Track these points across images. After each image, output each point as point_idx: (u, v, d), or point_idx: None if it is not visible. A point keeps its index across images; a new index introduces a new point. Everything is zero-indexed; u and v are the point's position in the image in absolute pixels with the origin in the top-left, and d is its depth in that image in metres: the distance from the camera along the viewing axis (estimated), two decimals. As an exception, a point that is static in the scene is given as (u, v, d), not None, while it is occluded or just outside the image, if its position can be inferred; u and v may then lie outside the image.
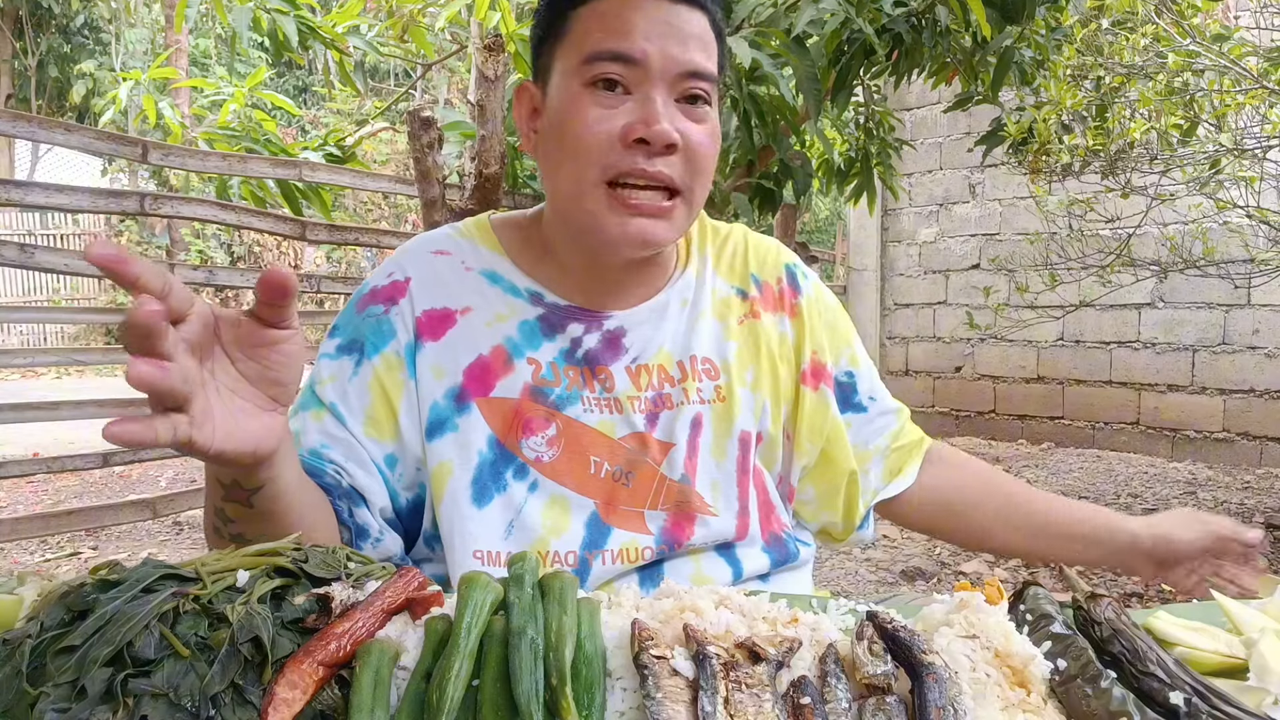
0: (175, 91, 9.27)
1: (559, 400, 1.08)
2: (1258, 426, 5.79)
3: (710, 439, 1.12)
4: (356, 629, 0.63)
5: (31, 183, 3.88)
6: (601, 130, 0.99)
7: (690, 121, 1.02)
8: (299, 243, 10.24)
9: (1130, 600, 3.64)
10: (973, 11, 2.60)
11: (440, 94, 10.72)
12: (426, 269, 1.12)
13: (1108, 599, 0.71)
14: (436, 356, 1.07)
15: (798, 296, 1.20)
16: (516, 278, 1.12)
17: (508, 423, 1.06)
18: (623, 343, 1.11)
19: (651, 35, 1.00)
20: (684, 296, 1.16)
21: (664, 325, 1.13)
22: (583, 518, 1.06)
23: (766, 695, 0.59)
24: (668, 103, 1.00)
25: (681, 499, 1.09)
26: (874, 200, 4.06)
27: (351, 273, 14.43)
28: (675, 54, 1.00)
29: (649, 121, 0.98)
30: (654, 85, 1.00)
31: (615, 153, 0.99)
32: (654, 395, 1.10)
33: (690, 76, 1.01)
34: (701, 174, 1.04)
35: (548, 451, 1.06)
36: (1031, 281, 4.95)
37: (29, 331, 14.00)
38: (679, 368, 1.12)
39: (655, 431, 1.09)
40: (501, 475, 1.06)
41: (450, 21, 3.88)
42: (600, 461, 1.07)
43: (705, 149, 1.03)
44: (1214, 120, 3.64)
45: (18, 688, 0.59)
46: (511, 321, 1.09)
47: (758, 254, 1.22)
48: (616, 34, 1.00)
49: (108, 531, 4.80)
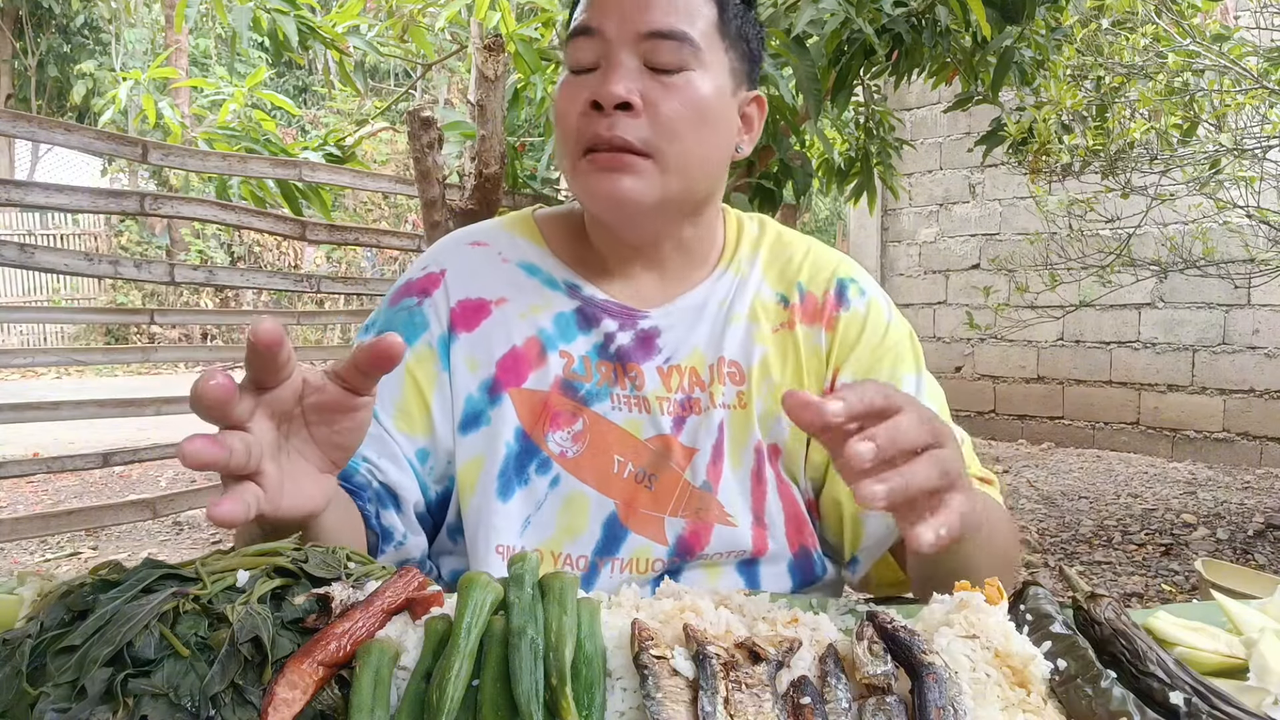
0: (175, 91, 9.27)
1: (588, 395, 1.06)
2: (1258, 426, 5.79)
3: (731, 446, 1.09)
4: (356, 629, 0.63)
5: (31, 183, 3.88)
6: (571, 105, 1.00)
7: (657, 84, 0.99)
8: (299, 243, 10.24)
9: (1130, 600, 3.64)
10: (973, 11, 2.60)
11: (440, 94, 10.73)
12: (462, 261, 1.11)
13: (1108, 599, 0.71)
14: (470, 348, 1.07)
15: (839, 310, 1.12)
16: (555, 269, 1.11)
17: (536, 415, 1.05)
18: (656, 343, 1.09)
19: (614, 4, 0.99)
20: (722, 298, 1.12)
21: (698, 327, 1.10)
22: (601, 518, 1.04)
23: (766, 695, 0.59)
24: (632, 66, 0.98)
25: (702, 506, 1.06)
26: (874, 200, 4.05)
27: (351, 273, 14.43)
28: (633, 16, 0.98)
29: (601, 84, 0.98)
30: (613, 50, 0.98)
31: (581, 122, 0.99)
32: (683, 398, 1.08)
33: (652, 37, 0.98)
34: (673, 136, 0.99)
35: (572, 447, 1.05)
36: (1031, 281, 4.95)
37: (29, 331, 14.00)
38: (710, 371, 1.09)
39: (681, 435, 1.07)
40: (525, 468, 1.05)
41: (450, 21, 3.88)
42: (624, 461, 1.06)
43: (674, 111, 0.98)
44: (1214, 120, 3.64)
45: (18, 688, 0.59)
46: (546, 313, 1.08)
47: (814, 264, 1.15)
48: (584, 11, 1.01)
49: (108, 531, 4.80)
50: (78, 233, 15.11)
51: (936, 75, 3.38)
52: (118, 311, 9.85)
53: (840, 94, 2.90)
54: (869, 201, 4.03)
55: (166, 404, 4.46)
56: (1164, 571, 3.96)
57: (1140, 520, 4.74)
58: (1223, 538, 4.37)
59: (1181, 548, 4.25)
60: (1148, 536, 4.45)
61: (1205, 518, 4.70)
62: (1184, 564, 4.00)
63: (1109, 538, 4.47)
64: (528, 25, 3.76)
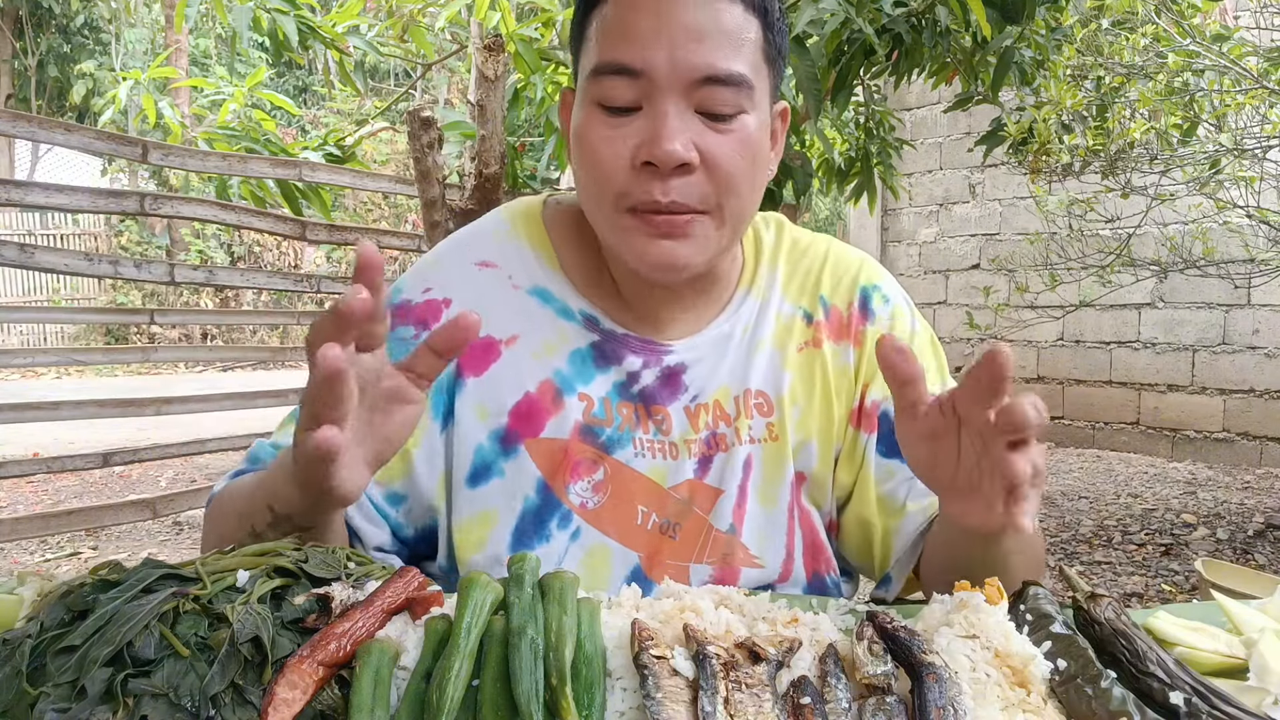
0: (175, 91, 9.27)
1: (609, 442, 0.99)
2: (1258, 426, 5.79)
3: (760, 482, 1.02)
4: (356, 629, 0.63)
5: (31, 183, 3.89)
6: (611, 153, 0.90)
7: (712, 133, 0.89)
8: (299, 243, 10.25)
9: (1130, 600, 3.64)
10: (973, 11, 2.60)
11: (440, 94, 10.73)
12: (469, 290, 1.01)
13: (1108, 599, 0.71)
14: (479, 395, 0.99)
15: (866, 323, 1.07)
16: (569, 297, 1.02)
17: (556, 465, 0.98)
18: (683, 380, 1.01)
19: (658, 38, 0.87)
20: (746, 323, 1.05)
21: (724, 360, 1.03)
22: (625, 571, 0.98)
23: (766, 695, 0.59)
24: (683, 113, 0.88)
25: (728, 551, 1.00)
26: (874, 200, 4.05)
27: (351, 273, 14.42)
28: (686, 58, 0.87)
29: (655, 141, 0.87)
30: (663, 96, 0.88)
31: (628, 178, 0.89)
32: (708, 435, 1.01)
33: (707, 83, 0.88)
34: (729, 190, 0.91)
35: (593, 498, 0.99)
36: (1031, 281, 4.95)
37: (29, 331, 14.00)
38: (735, 403, 1.02)
39: (706, 476, 1.01)
40: (546, 524, 0.98)
41: (450, 21, 3.88)
42: (648, 512, 0.99)
43: (732, 163, 0.90)
44: (1214, 120, 3.64)
45: (18, 688, 0.59)
46: (562, 351, 1.00)
47: (835, 272, 1.08)
48: (618, 40, 0.89)
49: (108, 531, 4.80)
50: (78, 233, 15.11)
51: (936, 75, 3.38)
52: (118, 311, 9.85)
53: (840, 94, 2.90)
54: (869, 201, 4.03)
55: (166, 404, 4.46)
56: (1164, 571, 3.96)
57: (1140, 520, 4.74)
58: (1223, 538, 4.37)
59: (1181, 548, 4.25)
60: (1148, 536, 4.45)
61: (1205, 518, 4.70)
62: (1184, 564, 4.00)
63: (1109, 538, 4.47)
64: (528, 25, 3.76)
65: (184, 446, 4.55)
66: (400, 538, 1.03)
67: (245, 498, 0.88)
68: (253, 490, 0.87)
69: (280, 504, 0.81)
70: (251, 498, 0.86)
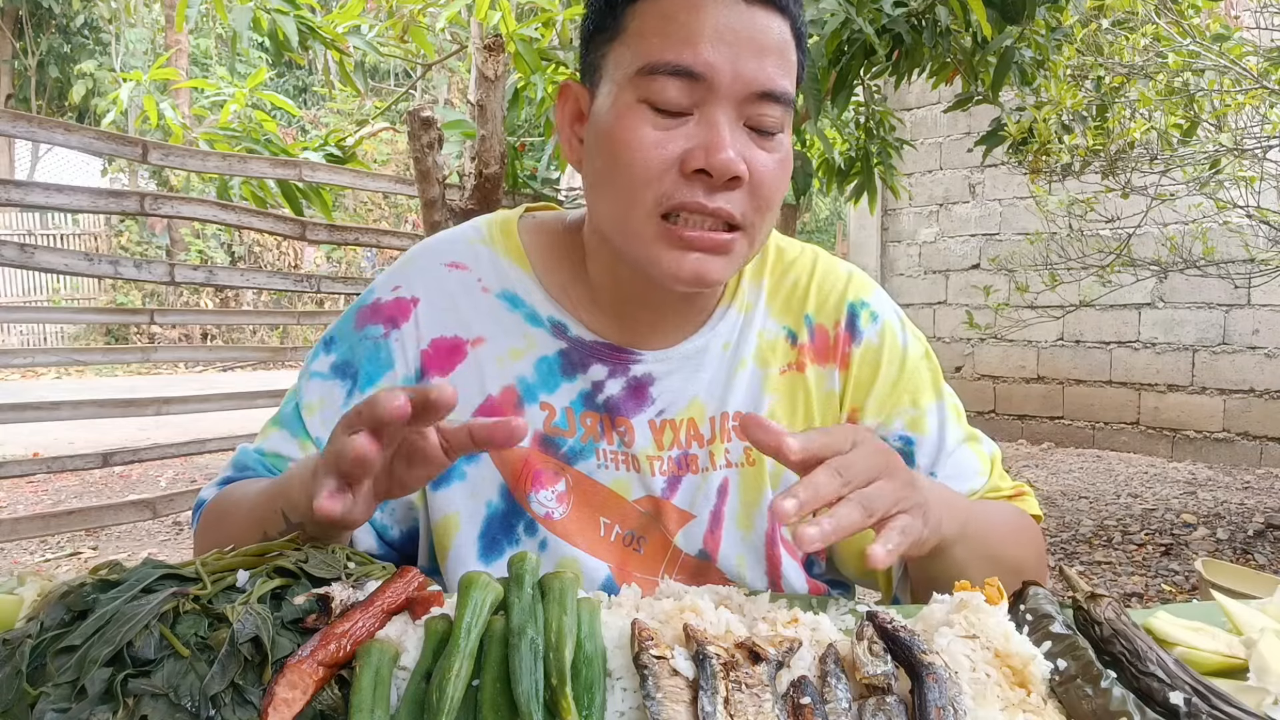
0: (176, 92, 9.27)
1: (570, 453, 0.98)
2: (1258, 426, 5.79)
3: (737, 507, 1.01)
4: (356, 629, 0.63)
5: (31, 183, 3.88)
6: (657, 155, 0.86)
7: (759, 149, 0.88)
8: (299, 243, 10.25)
9: (1130, 600, 3.64)
10: (973, 11, 2.60)
11: (440, 94, 10.73)
12: (437, 288, 1.01)
13: (1108, 599, 0.71)
14: None
15: (852, 345, 1.04)
16: (539, 302, 1.00)
17: (516, 474, 0.98)
18: (649, 392, 0.99)
19: (720, 45, 0.85)
20: (726, 339, 1.02)
21: (699, 375, 1.01)
22: (596, 581, 0.98)
23: (766, 695, 0.59)
24: (734, 126, 0.87)
25: (699, 574, 1.00)
26: (874, 200, 4.06)
27: (351, 272, 14.44)
28: (747, 71, 0.85)
29: (712, 150, 0.85)
30: (719, 105, 0.86)
31: (672, 182, 0.86)
32: (679, 455, 1.00)
33: (762, 99, 0.87)
34: (767, 209, 0.90)
35: (557, 508, 0.98)
36: (1031, 281, 4.95)
37: (29, 331, 14.00)
38: (710, 425, 1.00)
39: (675, 498, 0.99)
40: (513, 529, 0.98)
41: (450, 21, 3.89)
42: (610, 524, 0.99)
43: (774, 182, 0.89)
44: (1214, 120, 3.64)
45: (18, 688, 0.59)
46: (528, 357, 0.99)
47: (821, 289, 1.05)
48: (679, 42, 0.85)
49: (108, 531, 4.80)
50: (78, 233, 15.11)
51: (936, 75, 3.38)
52: (118, 311, 9.85)
53: (840, 94, 2.90)
54: (869, 201, 4.03)
55: (166, 404, 4.46)
56: (1164, 571, 3.96)
57: (1140, 520, 4.74)
58: (1223, 538, 4.37)
59: (1181, 548, 4.25)
60: (1148, 536, 4.45)
61: (1205, 518, 4.70)
62: (1184, 564, 4.00)
63: (1109, 538, 4.47)
64: (528, 25, 3.76)
65: (184, 446, 4.55)
66: (386, 540, 1.03)
67: (257, 504, 0.89)
68: (268, 497, 0.87)
69: (295, 513, 0.82)
70: (265, 503, 0.87)
